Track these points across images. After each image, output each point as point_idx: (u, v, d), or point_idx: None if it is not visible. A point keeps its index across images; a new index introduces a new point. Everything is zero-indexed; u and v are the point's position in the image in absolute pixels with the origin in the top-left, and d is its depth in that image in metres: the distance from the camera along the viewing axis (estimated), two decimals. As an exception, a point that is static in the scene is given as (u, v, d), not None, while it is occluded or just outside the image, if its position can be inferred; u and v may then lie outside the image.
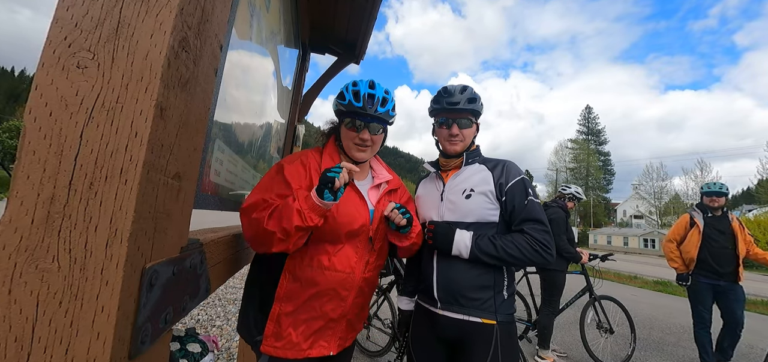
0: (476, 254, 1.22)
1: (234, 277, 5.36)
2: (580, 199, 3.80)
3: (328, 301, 1.15)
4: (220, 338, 3.15)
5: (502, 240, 1.23)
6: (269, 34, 1.54)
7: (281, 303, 1.12)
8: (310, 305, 1.13)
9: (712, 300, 3.27)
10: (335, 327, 1.19)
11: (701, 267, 3.29)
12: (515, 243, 1.22)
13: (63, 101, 0.49)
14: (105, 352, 0.47)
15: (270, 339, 1.11)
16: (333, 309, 1.16)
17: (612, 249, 41.16)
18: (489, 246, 1.22)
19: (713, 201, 3.33)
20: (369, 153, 1.25)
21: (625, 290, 9.04)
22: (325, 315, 1.15)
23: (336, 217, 1.12)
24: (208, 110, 0.71)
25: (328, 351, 1.17)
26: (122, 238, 0.48)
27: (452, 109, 1.35)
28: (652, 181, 49.85)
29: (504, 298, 1.26)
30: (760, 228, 23.96)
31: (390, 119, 1.26)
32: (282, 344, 1.11)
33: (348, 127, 1.22)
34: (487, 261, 1.23)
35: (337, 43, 2.73)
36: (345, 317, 1.20)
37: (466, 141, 1.38)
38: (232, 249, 1.11)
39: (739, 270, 3.16)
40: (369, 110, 1.18)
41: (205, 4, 0.64)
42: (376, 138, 1.24)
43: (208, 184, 1.04)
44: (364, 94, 1.18)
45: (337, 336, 1.20)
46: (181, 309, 0.70)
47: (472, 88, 1.39)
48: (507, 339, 1.22)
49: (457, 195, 1.33)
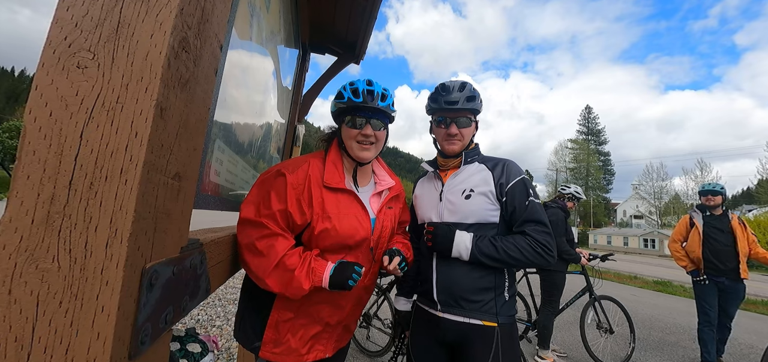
0: (476, 256, 1.20)
1: (234, 277, 5.36)
2: (579, 199, 3.80)
3: (326, 309, 1.15)
4: (220, 338, 3.15)
5: (503, 241, 1.21)
6: (269, 34, 1.54)
7: (279, 311, 1.12)
8: (308, 312, 1.13)
9: (716, 298, 3.31)
10: (332, 332, 1.20)
11: (704, 265, 3.34)
12: (517, 244, 1.20)
13: (63, 101, 0.49)
14: (105, 352, 0.47)
15: (268, 345, 1.11)
16: (331, 316, 1.16)
17: (612, 249, 41.17)
18: (490, 248, 1.20)
19: (709, 200, 3.42)
20: (373, 151, 1.20)
21: (625, 290, 9.04)
22: (322, 320, 1.15)
23: (338, 231, 1.10)
24: (208, 110, 0.71)
25: (324, 354, 1.18)
26: (122, 238, 0.48)
27: (450, 108, 1.31)
28: (652, 181, 49.91)
29: (505, 300, 1.25)
30: (760, 229, 23.94)
31: (392, 114, 1.22)
32: (281, 350, 1.11)
33: (349, 125, 1.18)
34: (487, 264, 1.21)
35: (337, 43, 2.73)
36: (342, 323, 1.22)
37: (464, 140, 1.35)
38: (232, 249, 1.11)
39: (741, 267, 3.19)
40: (370, 103, 1.14)
41: (205, 4, 0.64)
42: (379, 134, 1.20)
43: (208, 184, 1.04)
44: (363, 89, 1.15)
45: (333, 340, 1.21)
46: (181, 309, 0.70)
47: (471, 84, 1.35)
48: (508, 341, 1.21)
49: (457, 196, 1.30)
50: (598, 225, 54.89)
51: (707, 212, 3.44)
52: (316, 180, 1.13)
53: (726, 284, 3.25)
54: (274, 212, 1.05)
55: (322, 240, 1.10)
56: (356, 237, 1.14)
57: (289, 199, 1.06)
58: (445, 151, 1.38)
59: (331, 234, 1.09)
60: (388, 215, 1.27)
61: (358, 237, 1.15)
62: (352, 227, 1.13)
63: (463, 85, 1.34)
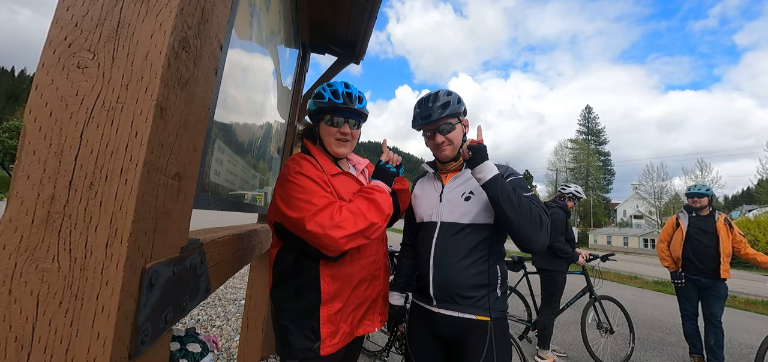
0: (498, 184, 1.21)
1: (234, 277, 5.36)
2: (579, 199, 3.80)
3: (367, 286, 1.27)
4: (220, 338, 3.15)
5: (519, 194, 1.23)
6: (269, 35, 1.54)
7: (328, 305, 1.17)
8: (355, 295, 1.22)
9: (696, 296, 3.45)
10: (375, 306, 1.33)
11: (684, 264, 3.48)
12: (531, 202, 1.23)
13: (63, 101, 0.49)
14: (105, 352, 0.47)
15: (327, 340, 1.16)
16: (372, 291, 1.29)
17: (612, 249, 41.15)
18: (509, 188, 1.22)
19: (695, 201, 3.51)
20: (349, 147, 1.32)
21: (626, 290, 9.04)
22: (367, 298, 1.27)
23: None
24: (208, 110, 0.71)
25: (372, 327, 1.31)
26: (122, 238, 0.48)
27: (427, 121, 1.36)
28: (652, 181, 49.84)
29: (498, 296, 1.30)
30: (760, 229, 23.92)
31: (365, 115, 1.35)
32: (337, 339, 1.18)
33: (328, 123, 1.28)
34: (500, 199, 1.20)
35: (337, 43, 2.73)
36: (380, 294, 1.35)
37: (454, 143, 1.38)
38: (232, 249, 1.11)
39: (722, 267, 3.27)
40: (350, 104, 1.26)
41: (205, 4, 0.64)
42: (355, 132, 1.32)
43: (208, 184, 1.04)
44: (343, 92, 1.26)
45: (377, 313, 1.35)
46: (181, 309, 0.70)
47: (444, 90, 1.40)
48: (501, 335, 1.27)
49: (457, 197, 1.36)
50: (598, 225, 54.88)
51: (694, 213, 3.53)
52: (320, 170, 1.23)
53: (703, 282, 3.34)
54: (321, 187, 1.13)
55: None
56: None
57: (315, 177, 1.15)
58: (440, 159, 1.44)
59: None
60: None
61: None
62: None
63: (436, 95, 1.38)
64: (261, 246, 1.64)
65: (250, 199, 1.65)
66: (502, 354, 1.25)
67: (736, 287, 10.35)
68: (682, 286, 3.48)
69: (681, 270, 3.50)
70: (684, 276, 3.46)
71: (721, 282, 3.28)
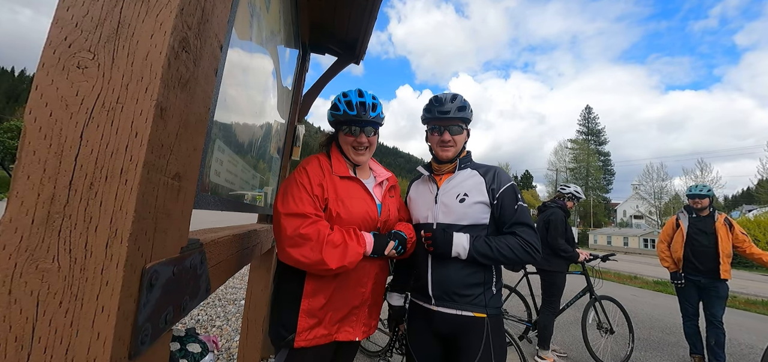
0: (474, 255, 1.32)
1: (234, 277, 5.36)
2: (579, 199, 3.79)
3: (351, 292, 1.28)
4: (220, 338, 3.15)
5: (496, 241, 1.33)
6: (269, 35, 1.54)
7: (309, 299, 1.22)
8: (336, 296, 1.25)
9: (696, 296, 3.45)
10: (359, 314, 1.32)
11: (684, 264, 3.48)
12: (508, 244, 1.32)
13: (63, 101, 0.49)
14: (105, 352, 0.47)
15: (303, 334, 1.21)
16: (355, 298, 1.29)
17: (612, 249, 41.14)
18: (485, 248, 1.32)
19: (696, 202, 3.50)
20: (367, 154, 1.38)
21: (626, 290, 9.04)
22: (347, 303, 1.28)
23: (351, 213, 1.26)
24: (208, 110, 0.71)
25: (353, 336, 1.30)
26: (122, 238, 0.48)
27: (443, 117, 1.43)
28: (652, 181, 49.84)
29: (493, 293, 1.37)
30: (760, 229, 23.91)
31: (381, 121, 1.39)
32: (313, 335, 1.22)
33: (345, 132, 1.35)
34: (482, 262, 1.33)
35: (337, 43, 2.73)
36: (366, 303, 1.34)
37: (457, 146, 1.46)
38: (232, 249, 1.11)
39: (721, 268, 3.26)
40: (363, 116, 1.31)
41: (205, 4, 0.64)
42: (372, 139, 1.38)
43: (208, 184, 1.04)
44: (356, 102, 1.31)
45: (361, 323, 1.33)
46: (181, 309, 0.70)
47: (462, 96, 1.47)
48: (496, 330, 1.34)
49: (452, 199, 1.41)
50: (598, 225, 54.84)
51: (694, 214, 3.52)
52: (328, 170, 1.31)
53: (703, 282, 3.34)
54: (310, 198, 1.19)
55: (337, 222, 1.23)
56: (367, 219, 1.30)
57: (314, 185, 1.23)
58: (440, 157, 1.49)
59: (344, 217, 1.24)
60: (391, 202, 1.44)
61: (368, 220, 1.30)
62: (363, 210, 1.30)
63: (455, 96, 1.47)
64: (261, 246, 1.64)
65: (250, 199, 1.65)
66: (498, 349, 1.31)
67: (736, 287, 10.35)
68: (683, 287, 3.48)
69: (681, 271, 3.50)
70: (684, 277, 3.47)
71: (721, 283, 3.28)
